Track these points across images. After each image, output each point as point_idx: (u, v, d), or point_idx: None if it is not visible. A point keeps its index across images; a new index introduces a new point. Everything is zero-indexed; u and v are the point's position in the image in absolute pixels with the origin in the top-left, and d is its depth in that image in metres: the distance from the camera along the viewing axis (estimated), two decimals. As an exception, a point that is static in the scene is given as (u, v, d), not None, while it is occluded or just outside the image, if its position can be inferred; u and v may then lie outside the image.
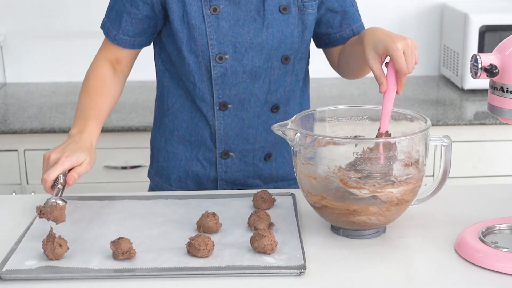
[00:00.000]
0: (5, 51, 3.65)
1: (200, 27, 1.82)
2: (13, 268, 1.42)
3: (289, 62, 1.89)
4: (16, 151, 3.02)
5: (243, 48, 1.84)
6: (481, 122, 3.03)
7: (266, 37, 1.85)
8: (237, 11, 1.83)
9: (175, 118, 1.97)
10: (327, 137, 1.58)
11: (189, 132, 1.96)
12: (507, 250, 1.45)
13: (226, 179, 1.97)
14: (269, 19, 1.85)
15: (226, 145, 1.94)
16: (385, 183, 1.50)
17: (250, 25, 1.84)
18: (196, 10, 1.82)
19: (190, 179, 1.99)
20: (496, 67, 1.45)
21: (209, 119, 1.92)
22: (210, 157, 1.96)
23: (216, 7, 1.81)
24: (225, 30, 1.83)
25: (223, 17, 1.83)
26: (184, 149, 1.98)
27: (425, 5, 3.69)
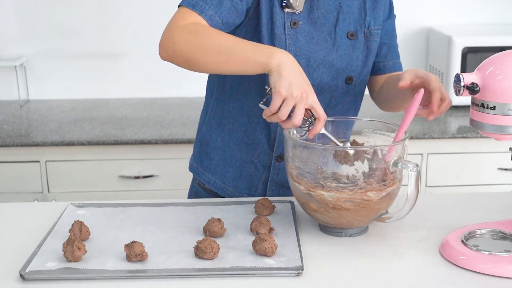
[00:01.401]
0: (28, 71, 3.66)
1: (281, 37, 1.78)
2: (35, 269, 1.42)
3: (352, 82, 1.88)
4: (38, 162, 3.02)
5: (316, 63, 1.81)
6: (464, 135, 3.04)
7: (336, 57, 1.83)
8: (312, 30, 1.81)
9: (234, 121, 1.91)
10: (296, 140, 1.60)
11: (247, 135, 1.90)
12: (487, 252, 1.45)
13: (276, 181, 1.93)
14: (338, 42, 1.83)
15: (282, 150, 1.88)
16: (315, 184, 1.52)
17: (322, 44, 1.82)
18: (280, 20, 1.77)
19: (243, 180, 1.94)
20: (477, 85, 1.45)
21: (271, 124, 1.87)
22: (264, 160, 1.92)
23: (296, 21, 1.78)
24: (302, 44, 1.80)
25: (301, 32, 1.80)
26: (240, 151, 1.92)
27: (412, 29, 3.70)
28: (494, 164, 3.11)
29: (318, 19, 1.81)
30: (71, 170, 3.04)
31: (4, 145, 2.96)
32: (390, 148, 1.52)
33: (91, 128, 3.13)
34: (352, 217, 1.54)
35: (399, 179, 1.55)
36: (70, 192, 3.06)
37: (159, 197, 3.00)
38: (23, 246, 1.55)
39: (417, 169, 1.47)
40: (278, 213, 1.72)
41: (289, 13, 1.78)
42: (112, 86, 3.70)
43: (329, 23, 1.83)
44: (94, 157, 3.03)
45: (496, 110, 1.44)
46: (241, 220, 1.68)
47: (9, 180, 3.04)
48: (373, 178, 1.51)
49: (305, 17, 1.80)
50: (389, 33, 1.96)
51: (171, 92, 3.71)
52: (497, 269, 1.41)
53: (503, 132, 1.46)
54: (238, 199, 1.86)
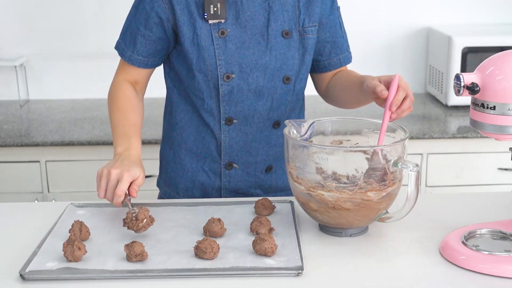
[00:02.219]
0: (28, 70, 3.65)
1: (209, 48, 1.83)
2: (35, 269, 1.42)
3: (290, 82, 1.90)
4: (38, 162, 3.02)
5: (249, 68, 1.85)
6: (464, 135, 3.04)
7: (269, 58, 1.86)
8: (243, 34, 1.84)
9: (183, 132, 1.96)
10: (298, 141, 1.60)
11: (196, 145, 1.96)
12: (487, 252, 1.45)
13: (229, 188, 1.97)
14: (272, 43, 1.85)
15: (230, 157, 1.94)
16: (315, 184, 1.53)
17: (255, 47, 1.85)
18: (206, 33, 1.82)
19: (196, 189, 1.98)
20: (477, 85, 1.45)
21: (215, 132, 1.92)
22: (215, 168, 1.96)
23: (224, 30, 1.82)
24: (232, 51, 1.83)
25: (230, 39, 1.83)
26: (191, 161, 1.97)
27: (412, 29, 3.70)
28: (494, 164, 3.11)
29: (246, 23, 1.84)
30: (71, 170, 3.04)
31: (4, 145, 2.96)
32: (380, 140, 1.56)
33: (91, 128, 3.13)
34: (352, 217, 1.54)
35: (399, 179, 1.55)
36: (70, 192, 3.06)
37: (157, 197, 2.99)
38: (23, 246, 1.55)
39: (417, 169, 1.47)
40: (278, 213, 1.72)
41: (215, 23, 1.82)
42: (112, 86, 3.69)
43: (259, 24, 1.85)
44: (94, 157, 3.02)
45: (496, 110, 1.44)
46: (241, 220, 1.68)
47: (9, 180, 3.04)
48: (373, 178, 1.51)
49: (233, 23, 1.83)
50: (332, 29, 1.96)
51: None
52: (497, 269, 1.41)
53: (503, 132, 1.46)
54: (238, 199, 1.86)
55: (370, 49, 3.67)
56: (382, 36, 3.70)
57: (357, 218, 1.55)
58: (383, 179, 1.52)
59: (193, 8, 1.82)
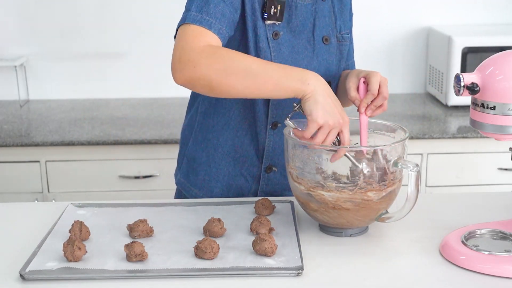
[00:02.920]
0: (28, 71, 3.65)
1: (266, 50, 1.75)
2: (35, 269, 1.42)
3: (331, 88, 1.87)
4: (38, 162, 3.02)
5: None
6: (464, 135, 3.04)
7: (317, 64, 1.82)
8: (293, 39, 1.79)
9: (219, 136, 1.88)
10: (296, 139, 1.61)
11: (234, 149, 1.88)
12: (487, 252, 1.45)
13: (266, 191, 1.92)
14: (317, 48, 1.82)
15: (271, 161, 1.88)
16: (316, 184, 1.53)
17: (303, 52, 1.81)
18: (263, 33, 1.74)
19: (233, 193, 1.92)
20: (477, 85, 1.45)
21: (260, 137, 1.85)
22: (254, 172, 1.90)
23: (277, 32, 1.75)
24: (286, 55, 1.78)
25: (283, 43, 1.77)
26: (228, 165, 1.89)
27: (412, 29, 3.70)
28: (494, 164, 3.11)
29: (296, 27, 1.79)
30: (71, 170, 3.04)
31: (4, 145, 2.96)
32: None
33: (91, 128, 3.13)
34: (352, 217, 1.54)
35: (399, 179, 1.55)
36: (70, 192, 3.06)
37: (159, 197, 3.00)
38: (23, 246, 1.55)
39: (417, 169, 1.47)
40: (278, 213, 1.72)
41: (270, 24, 1.75)
42: (112, 86, 3.69)
43: (307, 30, 1.81)
44: (94, 157, 3.03)
45: (496, 110, 1.44)
46: (241, 220, 1.68)
47: (9, 180, 3.04)
48: (373, 178, 1.51)
49: (284, 26, 1.78)
50: (350, 34, 1.96)
51: (171, 92, 3.70)
52: (497, 269, 1.41)
53: (503, 132, 1.46)
54: (238, 199, 1.86)
55: (370, 49, 3.67)
56: (382, 36, 3.70)
57: (357, 218, 1.55)
58: (383, 179, 1.52)
59: (256, 6, 1.73)
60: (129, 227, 1.59)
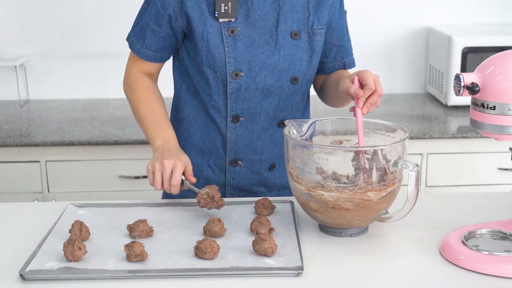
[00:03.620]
0: (28, 70, 3.65)
1: (219, 46, 1.84)
2: (35, 269, 1.42)
3: (298, 82, 1.90)
4: (38, 162, 3.02)
5: (257, 67, 1.85)
6: (464, 135, 3.03)
7: (278, 58, 1.86)
8: (252, 33, 1.85)
9: (190, 127, 1.98)
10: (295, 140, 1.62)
11: (202, 140, 1.96)
12: (487, 252, 1.45)
13: (233, 185, 1.98)
14: (281, 43, 1.86)
15: (235, 154, 1.95)
16: (316, 184, 1.53)
17: (264, 46, 1.86)
18: (216, 31, 1.83)
19: (201, 184, 1.97)
20: (477, 85, 1.45)
21: (221, 129, 1.93)
22: (220, 164, 1.97)
23: (233, 29, 1.83)
24: (241, 50, 1.84)
25: (240, 38, 1.84)
26: (197, 156, 1.98)
27: (412, 29, 3.70)
28: (494, 164, 3.11)
29: (256, 22, 1.85)
30: (71, 170, 3.04)
31: (4, 145, 2.96)
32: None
33: (91, 128, 3.13)
34: (352, 217, 1.54)
35: (399, 179, 1.55)
36: (70, 192, 3.06)
37: (159, 197, 2.99)
38: (23, 246, 1.55)
39: (417, 169, 1.47)
40: (278, 213, 1.72)
41: (225, 22, 1.83)
42: (112, 86, 3.69)
43: (269, 24, 1.86)
44: (94, 157, 3.03)
45: (496, 110, 1.44)
46: (241, 220, 1.68)
47: (9, 180, 3.04)
48: (373, 178, 1.51)
49: (243, 22, 1.84)
50: (340, 33, 1.97)
51: (171, 92, 3.70)
52: (497, 269, 1.41)
53: (503, 132, 1.46)
54: (238, 199, 1.86)
55: (370, 49, 3.67)
56: (382, 36, 3.70)
57: (357, 218, 1.55)
58: (383, 179, 1.52)
59: (204, 6, 1.83)
60: (129, 227, 1.59)
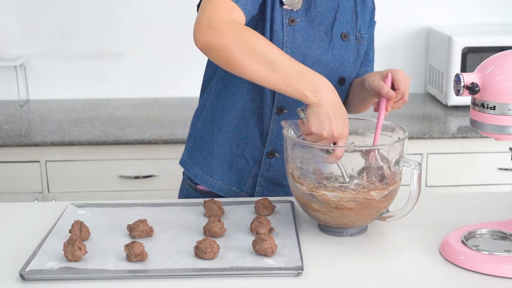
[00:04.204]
0: (28, 71, 3.66)
1: (279, 33, 1.78)
2: (35, 269, 1.42)
3: (344, 84, 1.88)
4: (38, 162, 3.02)
5: (311, 62, 1.82)
6: (464, 135, 3.04)
7: (331, 57, 1.84)
8: (309, 28, 1.82)
9: (226, 115, 1.89)
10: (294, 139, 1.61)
11: (239, 129, 1.89)
12: (487, 252, 1.45)
13: (266, 177, 1.92)
14: (334, 42, 1.84)
15: (274, 146, 1.89)
16: (318, 184, 1.53)
17: (318, 43, 1.83)
18: (279, 17, 1.78)
19: (233, 173, 1.93)
20: (477, 85, 1.45)
21: (265, 119, 1.87)
22: (256, 155, 1.91)
23: (294, 19, 1.79)
24: (299, 42, 1.80)
25: (298, 30, 1.80)
26: (231, 144, 1.91)
27: (412, 29, 3.70)
28: (494, 164, 3.11)
29: (315, 18, 1.82)
30: (71, 170, 3.04)
31: (4, 145, 2.96)
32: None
33: (91, 128, 3.13)
34: (355, 217, 1.54)
35: (399, 177, 1.56)
36: (70, 192, 3.06)
37: (159, 197, 3.00)
38: (23, 246, 1.55)
39: (419, 168, 1.48)
40: (278, 213, 1.72)
41: (287, 10, 1.78)
42: (112, 86, 3.70)
43: (326, 22, 1.84)
44: (94, 157, 3.03)
45: (496, 110, 1.44)
46: (241, 220, 1.68)
47: (9, 180, 3.04)
48: (375, 177, 1.52)
49: (302, 14, 1.80)
50: (368, 41, 1.97)
51: (171, 92, 3.71)
52: (497, 269, 1.41)
53: (503, 132, 1.46)
54: (238, 199, 1.86)
55: (370, 49, 3.67)
56: (382, 36, 3.68)
57: (359, 217, 1.55)
58: (384, 178, 1.52)
59: None
60: (129, 227, 1.59)
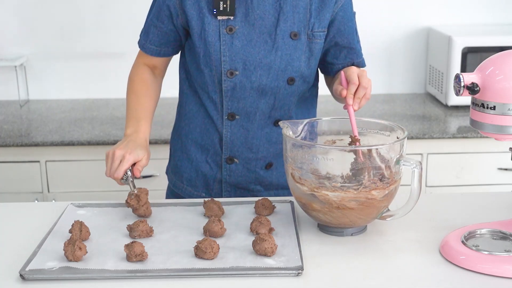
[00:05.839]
0: (28, 70, 3.65)
1: (215, 44, 1.85)
2: (35, 268, 1.42)
3: (294, 83, 1.90)
4: (38, 162, 3.02)
5: (252, 66, 1.86)
6: (464, 135, 3.03)
7: (274, 58, 1.87)
8: (251, 32, 1.85)
9: (190, 123, 2.00)
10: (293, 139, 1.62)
11: (201, 136, 1.99)
12: (487, 252, 1.45)
13: (230, 182, 1.99)
14: (279, 43, 1.86)
15: (231, 152, 1.96)
16: (319, 185, 1.53)
17: (261, 46, 1.86)
18: (214, 28, 1.85)
19: (199, 179, 2.01)
20: (477, 85, 1.45)
21: (218, 126, 1.95)
22: (217, 161, 1.98)
23: (232, 27, 1.84)
24: (238, 48, 1.85)
25: (238, 36, 1.85)
26: (196, 151, 2.00)
27: (412, 29, 3.70)
28: (494, 164, 3.11)
29: (255, 21, 1.86)
30: (71, 170, 3.04)
31: (4, 145, 2.96)
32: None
33: (91, 128, 3.13)
34: (356, 216, 1.54)
35: (399, 177, 1.56)
36: (70, 192, 3.06)
37: (159, 197, 2.99)
38: (23, 246, 1.55)
39: (420, 166, 1.48)
40: (278, 213, 1.72)
41: (223, 20, 1.84)
42: (112, 86, 3.69)
43: (268, 24, 1.86)
44: (94, 157, 3.03)
45: (496, 110, 1.44)
46: (241, 220, 1.68)
47: (9, 180, 3.04)
48: (376, 177, 1.52)
49: (242, 21, 1.85)
50: (350, 36, 1.96)
51: (171, 92, 3.69)
52: (497, 269, 1.41)
53: (503, 132, 1.46)
54: (238, 199, 1.86)
55: (370, 49, 3.66)
56: (382, 36, 3.70)
57: (360, 217, 1.55)
58: (385, 178, 1.53)
59: (203, 4, 1.85)
60: (129, 227, 1.59)
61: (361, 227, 1.61)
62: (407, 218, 1.58)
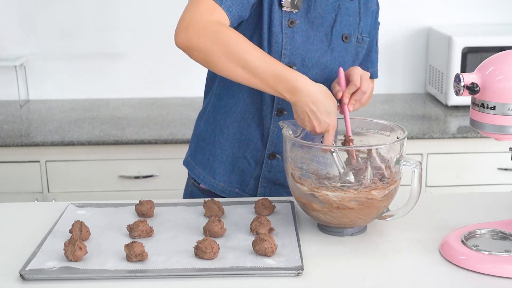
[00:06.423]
0: (28, 71, 3.66)
1: (278, 35, 1.79)
2: (35, 268, 1.42)
3: None
4: (38, 162, 3.02)
5: (310, 63, 1.82)
6: (464, 135, 3.04)
7: (330, 59, 1.84)
8: (309, 30, 1.82)
9: (227, 117, 1.91)
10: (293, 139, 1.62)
11: (240, 131, 1.91)
12: (487, 252, 1.45)
13: (268, 178, 1.93)
14: (334, 44, 1.84)
15: (275, 148, 1.90)
16: (319, 185, 1.53)
17: (318, 44, 1.83)
18: (278, 19, 1.78)
19: (235, 174, 1.94)
20: (477, 85, 1.45)
21: (265, 121, 1.88)
22: (257, 156, 1.92)
23: (293, 20, 1.79)
24: (298, 44, 1.81)
25: (297, 31, 1.80)
26: (232, 146, 1.92)
27: (412, 29, 3.70)
28: (494, 164, 3.11)
29: (315, 19, 1.82)
30: (71, 170, 3.04)
31: (4, 145, 2.96)
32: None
33: (91, 128, 3.13)
34: (356, 216, 1.55)
35: (399, 177, 1.56)
36: (70, 192, 3.06)
37: (159, 197, 3.00)
38: (23, 246, 1.55)
39: (420, 166, 1.48)
40: (278, 213, 1.72)
41: (286, 11, 1.79)
42: (112, 86, 3.70)
43: (326, 23, 1.84)
44: (94, 157, 3.03)
45: (496, 110, 1.44)
46: (241, 220, 1.68)
47: (9, 180, 3.04)
48: (376, 177, 1.52)
49: (302, 16, 1.81)
50: (370, 43, 1.96)
51: (171, 92, 3.71)
52: (497, 269, 1.41)
53: (503, 132, 1.46)
54: (238, 199, 1.86)
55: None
56: (382, 36, 3.66)
57: (360, 217, 1.55)
58: (385, 178, 1.53)
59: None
60: (129, 227, 1.59)
61: (361, 227, 1.61)
62: (407, 218, 1.58)
